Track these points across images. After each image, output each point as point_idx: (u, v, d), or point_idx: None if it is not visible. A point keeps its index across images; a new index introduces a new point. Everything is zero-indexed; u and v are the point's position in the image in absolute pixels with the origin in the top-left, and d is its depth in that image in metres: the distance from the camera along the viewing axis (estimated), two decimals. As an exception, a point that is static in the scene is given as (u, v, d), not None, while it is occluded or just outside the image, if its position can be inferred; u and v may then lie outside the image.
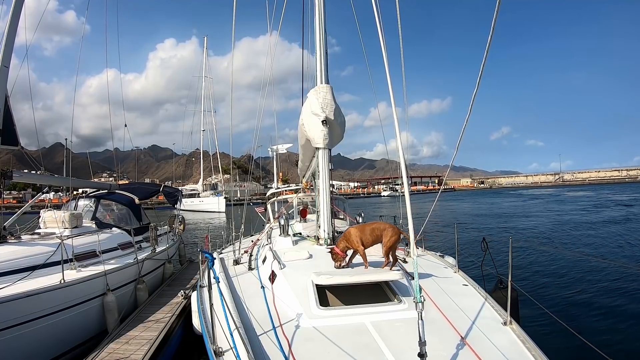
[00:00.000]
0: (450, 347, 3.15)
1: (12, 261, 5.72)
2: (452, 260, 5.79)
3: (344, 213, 9.07)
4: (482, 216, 30.76)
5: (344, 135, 6.48)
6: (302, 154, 7.65)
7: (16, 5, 6.95)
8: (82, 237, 7.15)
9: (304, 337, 3.39)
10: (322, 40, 6.59)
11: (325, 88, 6.10)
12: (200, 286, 4.90)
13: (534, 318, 6.13)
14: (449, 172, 15.55)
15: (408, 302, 3.77)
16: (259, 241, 6.99)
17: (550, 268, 11.05)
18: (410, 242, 3.43)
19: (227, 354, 3.15)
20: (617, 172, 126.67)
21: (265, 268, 5.09)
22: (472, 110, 3.99)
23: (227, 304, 3.64)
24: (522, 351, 3.16)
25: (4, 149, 7.04)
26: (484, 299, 4.17)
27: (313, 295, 3.92)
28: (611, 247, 14.59)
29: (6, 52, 6.67)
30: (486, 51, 3.75)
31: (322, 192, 6.21)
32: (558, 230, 19.65)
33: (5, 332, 4.66)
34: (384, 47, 3.62)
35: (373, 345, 3.19)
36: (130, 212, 9.76)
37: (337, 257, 4.67)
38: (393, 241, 4.47)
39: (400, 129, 3.53)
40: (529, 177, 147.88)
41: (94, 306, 6.08)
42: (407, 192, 3.42)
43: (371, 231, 4.57)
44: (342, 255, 4.67)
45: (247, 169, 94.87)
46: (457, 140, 4.41)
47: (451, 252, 6.49)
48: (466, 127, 4.24)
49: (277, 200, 10.33)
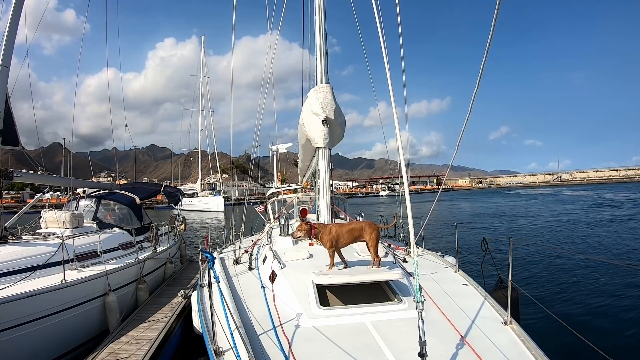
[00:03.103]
0: (450, 347, 3.16)
1: (13, 261, 5.71)
2: (452, 260, 5.80)
3: (344, 213, 9.07)
4: (482, 216, 30.80)
5: (344, 135, 6.50)
6: (302, 154, 7.66)
7: (16, 5, 6.93)
8: (83, 237, 7.15)
9: (304, 336, 3.40)
10: (322, 40, 6.59)
11: (326, 88, 6.11)
12: (201, 286, 4.91)
13: (534, 318, 6.15)
14: (448, 172, 15.56)
15: (408, 302, 3.77)
16: (259, 241, 7.00)
17: (551, 268, 11.07)
18: (410, 242, 3.43)
19: (227, 354, 3.15)
20: (616, 172, 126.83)
21: (265, 268, 5.09)
22: (472, 110, 4.02)
23: (227, 303, 3.64)
24: (523, 351, 3.17)
25: (4, 149, 7.02)
26: (484, 298, 4.17)
27: (313, 295, 3.93)
28: (611, 246, 14.63)
29: (6, 52, 6.65)
30: (486, 51, 3.76)
31: (323, 191, 6.22)
32: (558, 230, 19.68)
33: (6, 332, 4.66)
34: (384, 47, 3.63)
35: (373, 345, 3.19)
36: (131, 212, 9.76)
37: (301, 228, 4.57)
38: (374, 237, 4.46)
39: (400, 129, 3.55)
40: (527, 177, 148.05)
41: (95, 306, 6.08)
42: (407, 192, 3.44)
43: (349, 232, 4.51)
44: (305, 232, 4.56)
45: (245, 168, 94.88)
46: (457, 140, 4.44)
47: (451, 252, 6.50)
48: (466, 127, 4.26)
49: (277, 200, 10.33)
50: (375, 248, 4.44)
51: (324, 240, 4.53)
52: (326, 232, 4.52)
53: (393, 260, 5.10)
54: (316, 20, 6.65)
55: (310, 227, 4.60)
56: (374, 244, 4.43)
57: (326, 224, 4.85)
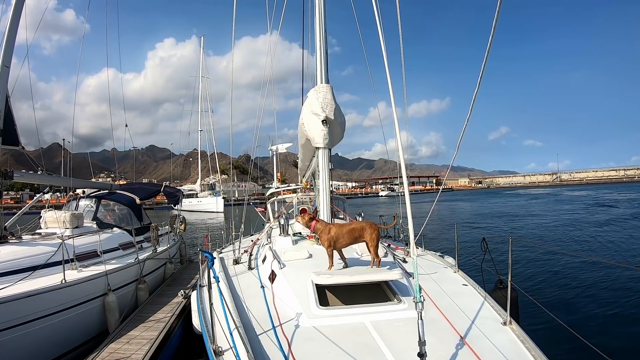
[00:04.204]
0: (449, 347, 3.16)
1: (13, 261, 5.72)
2: (452, 260, 5.79)
3: (344, 213, 9.08)
4: (482, 216, 30.80)
5: (344, 135, 6.50)
6: (302, 154, 7.66)
7: (16, 5, 6.93)
8: (83, 237, 7.16)
9: (303, 336, 3.40)
10: (322, 40, 6.60)
11: (325, 88, 6.11)
12: (200, 286, 4.91)
13: (534, 318, 6.14)
14: (448, 172, 15.56)
15: (408, 302, 3.78)
16: (259, 241, 7.00)
17: (551, 268, 11.06)
18: (410, 242, 3.44)
19: (227, 354, 3.15)
20: (615, 172, 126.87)
21: (265, 268, 5.09)
22: (472, 110, 4.02)
23: (227, 303, 3.64)
24: (522, 351, 3.17)
25: (4, 149, 7.03)
26: (483, 298, 4.18)
27: (313, 295, 3.93)
28: (611, 246, 14.63)
29: (6, 52, 6.65)
30: (487, 51, 3.76)
31: (322, 191, 6.22)
32: (559, 230, 19.68)
33: (6, 332, 4.66)
34: (384, 47, 3.63)
35: (373, 345, 3.19)
36: (131, 212, 9.76)
37: (304, 218, 4.69)
38: (375, 237, 4.46)
39: (399, 129, 3.55)
40: (527, 177, 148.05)
41: (95, 306, 6.09)
42: (407, 192, 3.44)
43: (349, 232, 4.50)
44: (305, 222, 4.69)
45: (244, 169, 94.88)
46: (457, 140, 4.44)
47: (451, 252, 6.50)
48: (466, 127, 4.26)
49: (277, 200, 10.33)
50: (375, 248, 4.44)
51: (322, 239, 4.55)
52: (325, 232, 4.52)
53: (393, 260, 5.10)
54: (316, 20, 6.66)
55: (310, 219, 4.66)
56: (374, 244, 4.43)
57: (327, 224, 4.86)
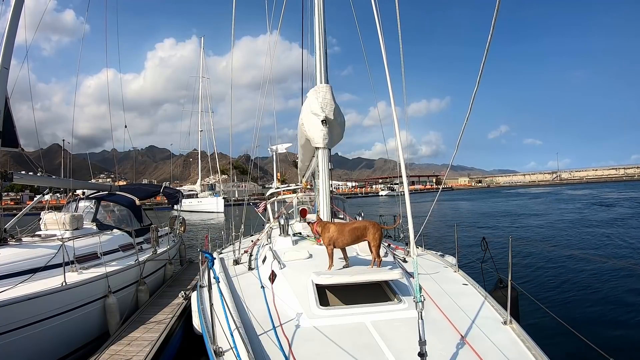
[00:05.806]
0: (450, 347, 3.16)
1: (14, 264, 5.69)
2: (452, 260, 5.80)
3: (343, 213, 9.08)
4: (481, 215, 30.79)
5: (343, 135, 6.50)
6: (302, 154, 7.66)
7: (16, 6, 6.92)
8: (83, 239, 7.14)
9: (304, 336, 3.40)
10: (322, 40, 6.61)
11: (325, 88, 6.11)
12: (200, 286, 4.92)
13: (534, 317, 6.14)
14: (447, 172, 15.57)
15: (408, 302, 3.78)
16: (259, 241, 7.00)
17: (551, 267, 11.06)
18: (410, 241, 3.44)
19: (228, 354, 3.16)
20: (615, 171, 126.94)
21: (265, 268, 5.10)
22: (472, 110, 4.02)
23: (227, 303, 3.65)
24: (522, 350, 3.17)
25: (4, 150, 7.02)
26: (484, 298, 4.18)
27: (313, 295, 3.94)
28: (612, 246, 14.63)
29: (6, 53, 6.63)
30: (486, 50, 3.77)
31: (322, 191, 6.23)
32: (560, 229, 19.69)
33: (7, 335, 4.66)
34: (384, 47, 3.63)
35: (373, 345, 3.20)
36: (131, 214, 9.75)
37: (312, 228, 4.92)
38: (378, 237, 4.47)
39: (399, 129, 3.55)
40: (527, 176, 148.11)
41: (96, 308, 6.08)
42: (407, 191, 3.44)
43: (351, 231, 4.50)
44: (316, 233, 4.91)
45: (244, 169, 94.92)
46: (457, 140, 4.44)
47: (451, 251, 6.50)
48: (466, 126, 4.26)
49: (277, 200, 10.33)
50: (377, 248, 4.45)
51: (323, 237, 4.60)
52: (325, 230, 4.54)
53: (393, 260, 5.11)
54: (316, 20, 6.66)
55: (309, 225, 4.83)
56: (377, 244, 4.44)
57: (327, 222, 4.87)
